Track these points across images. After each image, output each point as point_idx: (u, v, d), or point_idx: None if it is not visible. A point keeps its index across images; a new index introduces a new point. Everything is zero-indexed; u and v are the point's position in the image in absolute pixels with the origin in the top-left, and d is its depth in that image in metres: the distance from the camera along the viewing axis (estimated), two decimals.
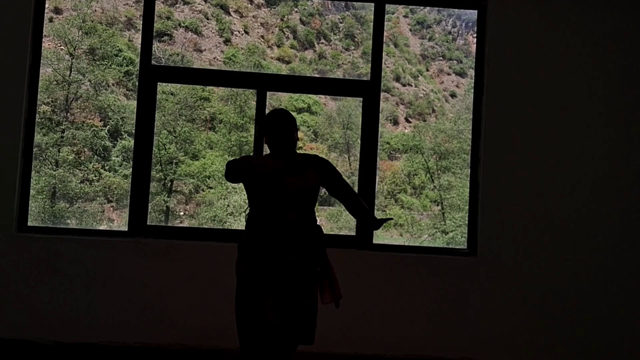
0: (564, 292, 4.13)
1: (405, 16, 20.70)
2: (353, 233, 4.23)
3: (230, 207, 13.77)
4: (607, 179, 4.20)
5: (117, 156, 14.42)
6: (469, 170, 4.34)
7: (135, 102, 4.31)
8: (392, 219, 3.34)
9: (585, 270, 4.15)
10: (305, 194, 2.76)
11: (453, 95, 19.35)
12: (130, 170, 4.31)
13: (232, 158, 2.87)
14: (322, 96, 16.57)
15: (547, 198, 4.17)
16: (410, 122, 18.24)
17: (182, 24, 17.17)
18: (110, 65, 15.07)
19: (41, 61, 4.21)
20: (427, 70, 20.04)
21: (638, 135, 4.24)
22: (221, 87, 13.68)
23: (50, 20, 14.63)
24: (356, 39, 19.14)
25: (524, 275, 4.13)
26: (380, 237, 12.89)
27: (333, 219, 13.97)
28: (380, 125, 4.32)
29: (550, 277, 4.13)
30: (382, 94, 4.43)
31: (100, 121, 14.61)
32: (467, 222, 4.27)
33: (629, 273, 4.17)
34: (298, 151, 2.89)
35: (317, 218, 2.87)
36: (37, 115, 4.24)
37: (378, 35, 4.31)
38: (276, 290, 2.65)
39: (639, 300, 4.17)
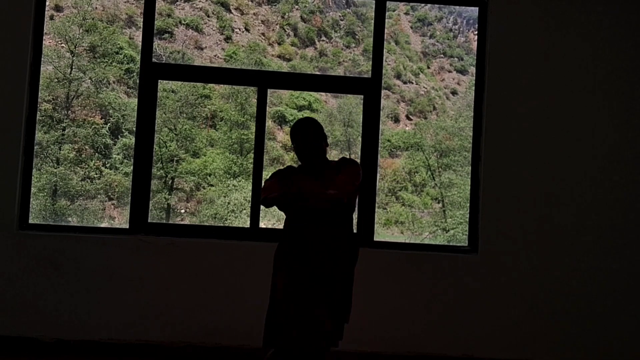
0: (565, 289, 4.13)
1: (406, 13, 20.64)
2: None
3: (231, 204, 13.76)
4: (608, 177, 4.19)
5: (118, 154, 14.39)
6: (470, 168, 4.34)
7: (136, 99, 4.31)
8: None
9: (585, 268, 4.15)
10: (332, 209, 2.71)
11: (454, 93, 19.30)
12: (131, 167, 4.32)
13: (266, 180, 2.80)
14: (323, 94, 16.53)
15: (547, 196, 4.16)
16: (411, 119, 18.20)
17: (183, 22, 17.12)
18: (111, 63, 15.04)
19: (42, 59, 4.22)
20: (428, 67, 19.98)
21: (639, 133, 4.24)
22: (222, 85, 13.66)
23: (51, 17, 14.60)
24: (357, 37, 19.09)
25: (524, 273, 4.13)
26: (382, 234, 12.90)
27: None
28: (381, 122, 4.31)
29: (551, 275, 4.13)
30: (383, 92, 4.42)
31: (101, 119, 14.59)
32: (468, 219, 4.27)
33: (629, 270, 4.16)
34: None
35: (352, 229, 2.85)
36: (38, 113, 4.25)
37: (379, 32, 4.30)
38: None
39: (639, 297, 4.17)
